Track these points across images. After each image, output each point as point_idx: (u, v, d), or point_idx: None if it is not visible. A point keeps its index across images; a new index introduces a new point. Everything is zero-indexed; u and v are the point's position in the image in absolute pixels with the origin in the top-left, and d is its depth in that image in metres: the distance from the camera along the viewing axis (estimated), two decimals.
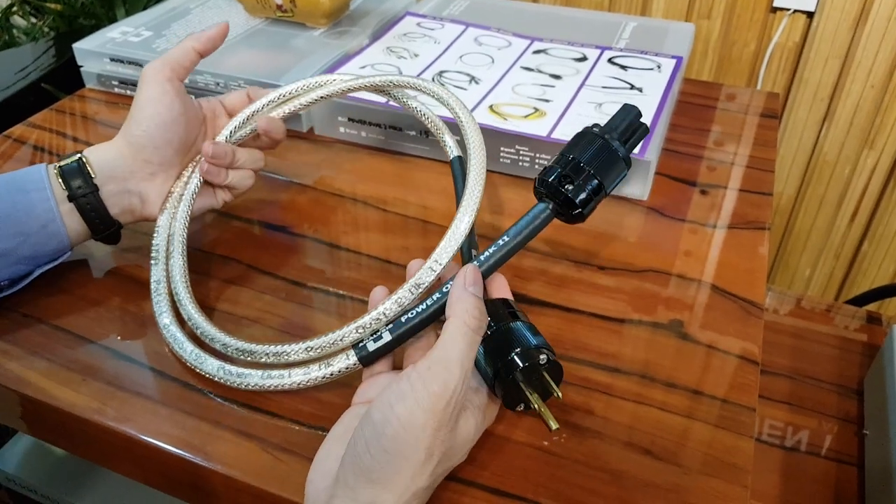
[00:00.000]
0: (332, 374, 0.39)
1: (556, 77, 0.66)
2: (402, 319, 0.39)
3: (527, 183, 0.58)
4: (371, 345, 0.39)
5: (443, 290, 0.39)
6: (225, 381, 0.41)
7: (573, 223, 0.42)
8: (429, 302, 0.39)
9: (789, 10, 0.89)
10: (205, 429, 0.39)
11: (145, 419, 0.40)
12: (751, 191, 0.58)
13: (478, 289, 0.37)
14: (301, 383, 0.40)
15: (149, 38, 0.72)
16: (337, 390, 0.41)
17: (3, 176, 0.45)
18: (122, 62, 0.70)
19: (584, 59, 0.69)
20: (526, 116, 0.60)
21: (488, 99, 0.63)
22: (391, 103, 0.61)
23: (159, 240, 0.48)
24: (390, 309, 0.39)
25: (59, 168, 0.46)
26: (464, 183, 0.45)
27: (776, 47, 0.92)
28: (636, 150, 0.46)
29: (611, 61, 0.69)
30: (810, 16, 0.89)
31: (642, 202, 0.57)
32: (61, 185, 0.45)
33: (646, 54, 0.70)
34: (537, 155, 0.58)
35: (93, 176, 0.46)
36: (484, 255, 0.40)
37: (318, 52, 0.70)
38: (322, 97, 0.53)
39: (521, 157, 0.59)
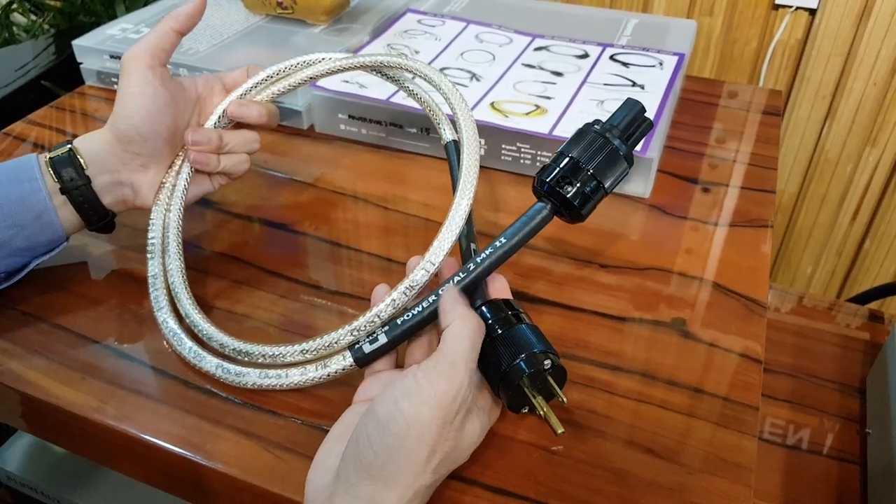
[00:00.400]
0: (328, 375, 0.40)
1: (558, 74, 0.66)
2: (399, 321, 0.39)
3: (528, 180, 0.58)
4: (367, 347, 0.39)
5: (439, 291, 0.39)
6: (223, 379, 0.41)
7: (573, 223, 0.42)
8: (425, 304, 0.39)
9: (791, 7, 0.88)
10: (205, 427, 0.39)
11: (145, 417, 0.40)
12: (753, 188, 0.58)
13: (465, 303, 0.38)
14: (298, 383, 0.40)
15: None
16: (338, 388, 0.41)
17: None
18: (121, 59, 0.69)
19: (585, 56, 0.69)
20: (527, 114, 0.60)
21: (489, 96, 0.62)
22: (391, 100, 0.61)
23: (154, 233, 0.47)
24: (385, 311, 0.39)
25: (50, 159, 0.45)
26: (459, 168, 0.44)
27: (778, 44, 0.92)
28: (638, 147, 0.46)
29: (612, 58, 0.69)
30: (812, 13, 0.88)
31: (644, 200, 0.57)
32: (52, 177, 0.44)
33: (647, 51, 0.69)
34: (539, 152, 0.58)
35: (84, 168, 0.45)
36: (482, 255, 0.40)
37: (318, 49, 0.68)
38: (312, 77, 0.51)
39: (522, 155, 0.58)
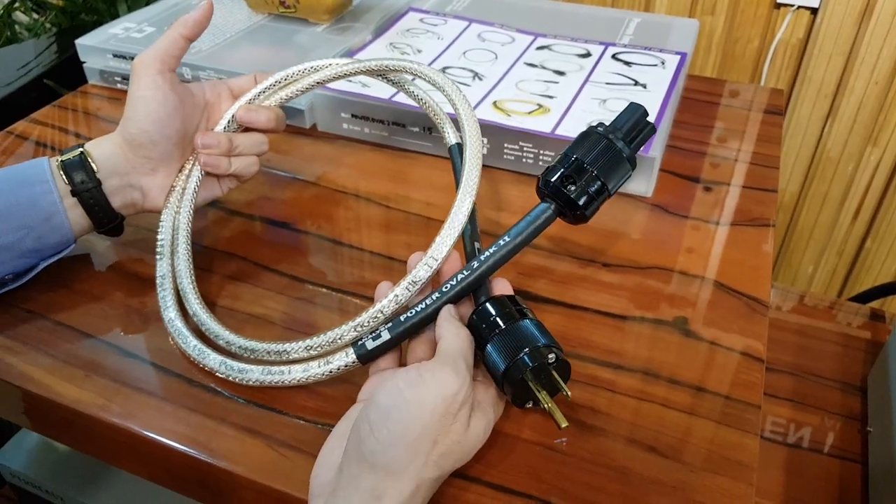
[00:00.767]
0: (331, 372, 0.40)
1: (560, 73, 0.66)
2: (402, 318, 0.39)
3: (531, 179, 0.58)
4: (370, 343, 0.39)
5: (442, 289, 0.39)
6: (227, 376, 0.41)
7: (576, 223, 0.42)
8: (428, 301, 0.39)
9: (793, 7, 0.89)
10: (209, 425, 0.39)
11: (149, 415, 0.40)
12: (755, 187, 0.58)
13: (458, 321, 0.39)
14: (301, 380, 0.40)
15: (151, 34, 0.72)
16: (341, 387, 0.41)
17: (5, 170, 0.45)
18: (124, 58, 0.70)
19: (587, 55, 0.69)
20: (530, 113, 0.60)
21: (492, 95, 0.63)
22: (393, 99, 0.61)
23: (164, 235, 0.48)
24: (387, 307, 0.40)
25: (61, 162, 0.45)
26: (462, 168, 0.45)
27: (780, 44, 0.92)
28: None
29: (614, 57, 0.69)
30: (814, 12, 0.88)
31: (646, 199, 0.57)
32: (64, 179, 0.45)
33: (650, 50, 0.69)
34: (541, 151, 0.58)
35: (96, 170, 0.46)
36: (485, 254, 0.40)
37: (320, 48, 0.70)
38: (318, 82, 0.52)
39: (524, 154, 0.58)
